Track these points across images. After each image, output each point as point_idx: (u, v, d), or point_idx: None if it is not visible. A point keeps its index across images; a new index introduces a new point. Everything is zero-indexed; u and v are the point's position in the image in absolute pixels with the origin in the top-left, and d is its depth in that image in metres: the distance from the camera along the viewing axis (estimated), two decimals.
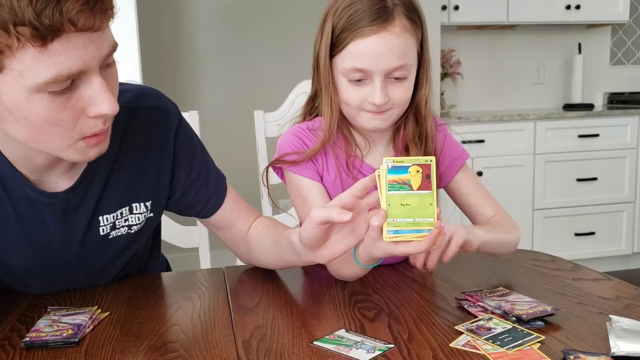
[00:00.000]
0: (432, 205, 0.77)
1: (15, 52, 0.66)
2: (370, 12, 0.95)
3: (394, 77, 0.98)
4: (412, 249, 0.78)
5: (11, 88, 0.68)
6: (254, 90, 3.39)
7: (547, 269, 1.05)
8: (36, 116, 0.71)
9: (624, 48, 3.95)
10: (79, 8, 0.65)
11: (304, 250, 0.85)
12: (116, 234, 0.96)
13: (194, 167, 1.02)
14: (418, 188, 0.77)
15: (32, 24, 0.64)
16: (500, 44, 3.76)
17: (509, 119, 3.17)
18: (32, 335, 0.78)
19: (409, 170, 0.77)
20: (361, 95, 0.99)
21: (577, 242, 3.35)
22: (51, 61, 0.67)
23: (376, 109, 0.99)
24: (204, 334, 0.80)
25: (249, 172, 1.98)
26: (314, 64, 1.07)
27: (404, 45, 0.96)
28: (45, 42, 0.65)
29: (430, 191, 0.77)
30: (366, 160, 1.09)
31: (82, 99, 0.73)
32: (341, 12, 0.98)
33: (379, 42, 0.95)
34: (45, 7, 0.63)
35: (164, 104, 1.00)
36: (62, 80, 0.69)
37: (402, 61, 0.97)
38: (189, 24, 3.35)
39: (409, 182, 0.77)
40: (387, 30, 0.95)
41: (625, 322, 0.75)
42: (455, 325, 0.78)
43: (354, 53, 0.97)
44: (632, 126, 3.32)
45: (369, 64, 0.96)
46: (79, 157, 0.79)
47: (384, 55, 0.95)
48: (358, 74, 0.98)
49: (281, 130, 1.49)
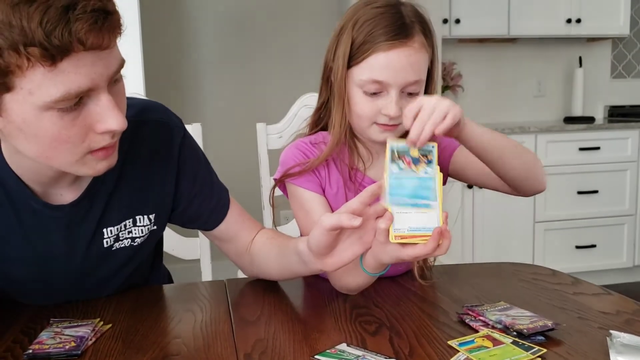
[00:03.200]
0: (434, 189, 0.79)
1: (25, 72, 0.67)
2: (392, 27, 0.98)
3: (408, 91, 1.00)
4: (419, 252, 0.79)
5: (21, 107, 0.69)
6: (257, 103, 3.40)
7: (547, 283, 1.05)
8: (45, 133, 0.72)
9: (625, 61, 3.97)
10: (88, 28, 0.66)
11: (311, 259, 0.86)
12: (119, 246, 0.96)
13: (197, 180, 1.03)
14: (420, 170, 0.79)
15: (42, 45, 0.65)
16: (501, 57, 3.78)
17: (510, 132, 3.18)
18: (35, 347, 0.78)
19: (411, 152, 0.79)
20: (375, 107, 1.01)
21: (578, 254, 3.34)
22: (60, 80, 0.68)
23: (389, 121, 1.00)
24: (205, 347, 0.80)
25: (251, 184, 1.98)
26: (325, 75, 1.08)
27: (421, 61, 0.99)
28: (55, 61, 0.66)
29: (431, 177, 0.79)
30: (368, 173, 1.09)
31: (91, 116, 0.74)
32: (362, 24, 1.00)
33: (400, 56, 0.97)
34: (54, 27, 0.65)
35: (169, 118, 1.01)
36: (71, 98, 0.70)
37: (418, 76, 0.99)
38: (192, 37, 3.38)
39: (412, 163, 0.79)
40: (407, 46, 0.98)
41: (626, 338, 0.75)
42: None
43: (373, 65, 0.99)
44: (632, 139, 3.33)
45: (387, 77, 0.98)
46: (89, 171, 0.79)
47: (403, 69, 0.98)
48: (375, 86, 1.00)
49: (283, 142, 1.50)
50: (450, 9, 3.33)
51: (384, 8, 1.00)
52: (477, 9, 3.36)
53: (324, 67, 1.08)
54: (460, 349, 0.75)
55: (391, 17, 0.99)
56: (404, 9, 1.01)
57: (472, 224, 3.08)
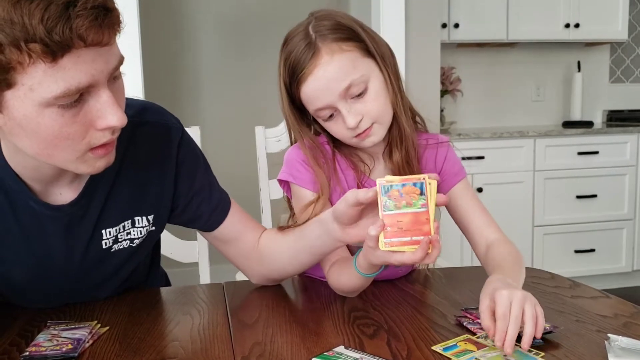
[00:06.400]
0: (428, 221, 0.78)
1: (26, 68, 0.67)
2: (299, 56, 0.98)
3: (354, 94, 0.99)
4: (407, 259, 0.79)
5: (22, 103, 0.70)
6: (255, 107, 3.40)
7: (546, 286, 1.05)
8: (46, 130, 0.72)
9: (623, 66, 3.98)
10: (89, 24, 0.67)
11: (334, 227, 0.87)
12: (118, 247, 0.96)
13: (196, 180, 1.02)
14: (412, 206, 0.78)
15: (43, 41, 0.65)
16: (500, 61, 3.79)
17: (508, 136, 3.18)
18: (32, 349, 0.78)
19: (402, 189, 0.78)
20: (341, 126, 1.01)
21: (577, 259, 3.34)
22: (61, 76, 0.68)
23: (356, 131, 1.00)
24: (203, 350, 0.80)
25: (250, 188, 1.98)
26: (286, 122, 1.10)
27: (340, 66, 0.97)
28: (56, 57, 0.67)
29: (425, 209, 0.78)
30: (372, 176, 1.09)
31: (91, 112, 0.74)
32: (283, 69, 1.02)
33: (317, 77, 0.97)
34: (55, 24, 0.65)
35: (167, 119, 1.01)
36: (72, 94, 0.70)
37: (347, 80, 0.97)
38: (191, 40, 3.38)
39: (403, 201, 0.78)
40: (317, 65, 0.97)
41: (624, 342, 0.75)
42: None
43: (306, 99, 1.01)
44: (631, 144, 3.33)
45: (322, 101, 0.99)
46: (88, 169, 0.80)
47: (326, 87, 0.97)
48: (324, 112, 1.01)
49: (282, 146, 1.50)
50: (449, 13, 3.33)
51: (297, 37, 1.00)
52: (476, 13, 3.36)
53: (284, 117, 1.10)
54: (445, 353, 0.75)
55: (299, 45, 0.99)
56: (312, 26, 0.99)
57: None
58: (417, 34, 2.70)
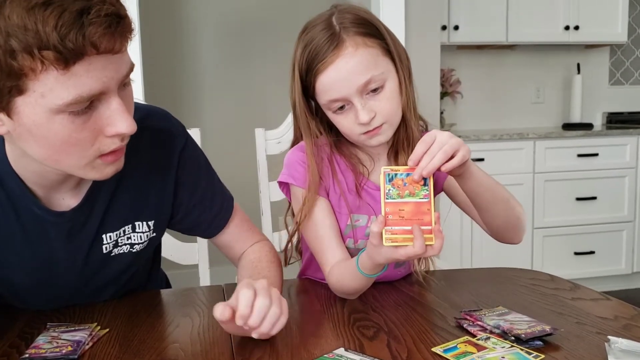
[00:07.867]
0: (430, 212, 0.79)
1: (38, 75, 0.67)
2: (321, 45, 0.98)
3: (370, 90, 0.99)
4: (412, 252, 0.80)
5: (33, 109, 0.70)
6: (255, 109, 3.40)
7: (546, 288, 1.05)
8: (56, 136, 0.72)
9: (623, 68, 3.98)
10: (102, 32, 0.67)
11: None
12: (118, 252, 0.96)
13: (197, 190, 1.02)
14: (415, 196, 0.80)
15: (56, 48, 0.65)
16: (500, 63, 3.79)
17: (508, 138, 3.18)
18: (32, 351, 0.78)
19: (406, 179, 0.80)
20: (350, 120, 1.01)
21: (577, 261, 3.34)
22: (72, 83, 0.68)
23: (366, 128, 1.00)
24: (203, 352, 0.80)
25: (250, 189, 1.98)
26: (293, 112, 1.09)
27: (362, 61, 0.97)
28: (68, 65, 0.67)
29: (427, 199, 0.79)
30: (371, 177, 1.09)
31: (101, 119, 0.74)
32: (300, 56, 1.02)
33: (337, 68, 0.97)
34: (69, 31, 0.65)
35: (171, 125, 1.01)
36: (83, 101, 0.70)
37: (367, 75, 0.97)
38: (192, 42, 3.38)
39: (406, 190, 0.79)
40: (340, 55, 0.97)
41: (624, 344, 0.75)
42: None
43: (322, 88, 1.00)
44: (631, 146, 3.33)
45: (339, 92, 0.98)
46: (96, 175, 0.80)
47: (346, 78, 0.97)
48: (336, 104, 1.00)
49: (282, 148, 1.50)
50: (449, 15, 3.34)
51: (319, 26, 1.00)
52: (476, 15, 3.37)
53: (292, 105, 1.09)
54: (445, 355, 0.75)
55: (320, 34, 0.99)
56: (335, 17, 1.00)
57: (470, 230, 3.08)
58: (417, 36, 2.71)
